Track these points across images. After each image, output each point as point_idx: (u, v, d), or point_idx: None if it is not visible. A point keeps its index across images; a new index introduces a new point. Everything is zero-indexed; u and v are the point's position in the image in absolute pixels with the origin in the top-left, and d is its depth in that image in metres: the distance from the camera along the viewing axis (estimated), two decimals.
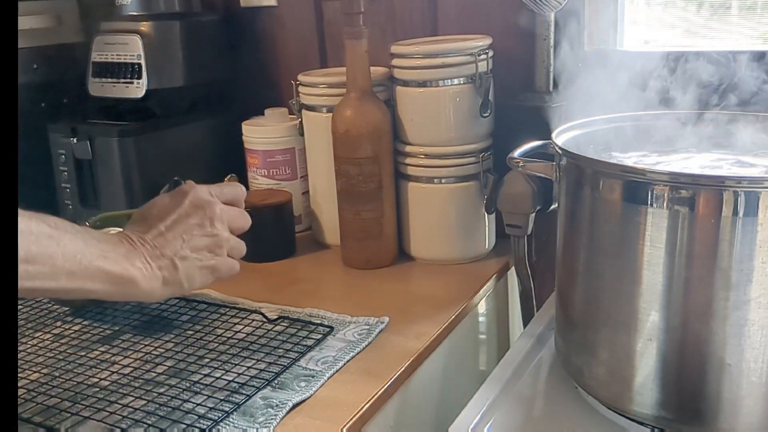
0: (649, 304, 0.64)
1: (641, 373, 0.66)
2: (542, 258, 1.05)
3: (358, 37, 0.99)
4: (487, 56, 1.02)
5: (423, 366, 0.83)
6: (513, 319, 1.11)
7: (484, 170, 1.03)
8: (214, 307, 0.94)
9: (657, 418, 0.66)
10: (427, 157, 1.03)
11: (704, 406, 0.64)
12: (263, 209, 1.10)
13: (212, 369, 0.78)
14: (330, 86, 1.08)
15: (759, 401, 0.63)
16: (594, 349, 0.71)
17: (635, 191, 0.63)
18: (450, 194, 1.04)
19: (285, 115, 1.19)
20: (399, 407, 0.79)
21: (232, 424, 0.69)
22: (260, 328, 0.88)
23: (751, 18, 0.90)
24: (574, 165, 0.69)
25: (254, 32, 1.30)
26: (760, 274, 0.59)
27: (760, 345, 0.61)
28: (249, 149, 1.19)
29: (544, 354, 0.83)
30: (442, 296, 0.96)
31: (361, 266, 1.06)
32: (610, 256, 0.67)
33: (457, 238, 1.05)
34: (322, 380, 0.76)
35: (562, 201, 0.74)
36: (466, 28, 1.10)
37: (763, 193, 0.58)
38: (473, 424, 0.70)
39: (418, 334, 0.85)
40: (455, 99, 1.01)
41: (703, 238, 0.60)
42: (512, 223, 0.95)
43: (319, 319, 0.89)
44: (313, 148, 1.13)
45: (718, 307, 0.61)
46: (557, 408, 0.74)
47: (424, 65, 1.00)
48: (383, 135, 1.02)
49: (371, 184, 1.02)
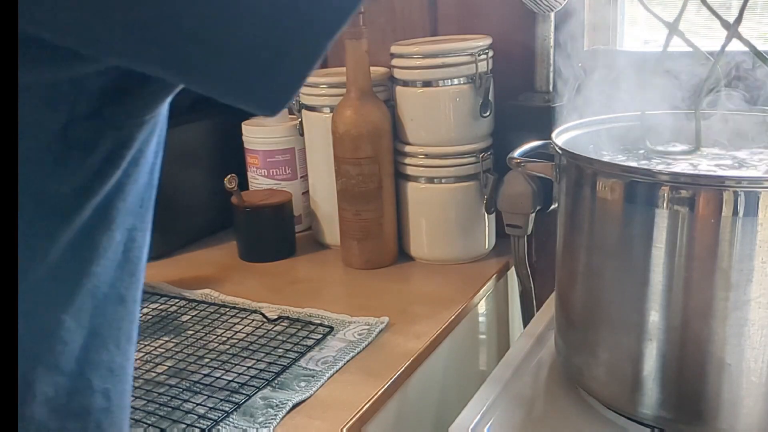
0: (649, 304, 0.64)
1: (641, 373, 0.66)
2: (542, 258, 1.05)
3: (358, 37, 0.99)
4: (487, 56, 1.02)
5: (423, 366, 0.83)
6: (513, 319, 1.10)
7: (484, 170, 1.03)
8: (214, 307, 0.94)
9: (657, 418, 0.66)
10: (427, 157, 1.03)
11: (704, 406, 0.64)
12: (263, 209, 1.10)
13: (212, 369, 0.78)
14: (330, 86, 1.08)
15: (759, 401, 0.63)
16: (594, 349, 0.71)
17: (635, 191, 0.63)
18: (450, 194, 1.04)
19: (285, 115, 1.19)
20: (399, 407, 0.78)
21: (232, 424, 0.69)
22: (260, 328, 0.88)
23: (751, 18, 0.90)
24: (574, 165, 0.69)
25: None
26: (760, 274, 0.59)
27: (760, 345, 0.61)
28: (249, 149, 1.19)
29: (544, 354, 0.83)
30: (442, 296, 0.96)
31: (361, 266, 1.06)
32: (610, 256, 0.67)
33: (457, 238, 1.05)
34: (322, 380, 0.76)
35: (562, 201, 0.74)
36: (466, 28, 1.10)
37: (763, 193, 0.58)
38: (473, 424, 0.70)
39: (418, 334, 0.85)
40: (455, 99, 1.01)
41: (703, 238, 0.60)
42: (512, 223, 0.95)
43: (319, 319, 0.89)
44: (313, 148, 1.13)
45: (718, 307, 0.61)
46: (557, 408, 0.74)
47: (424, 65, 1.00)
48: (383, 135, 1.02)
49: (371, 184, 1.02)
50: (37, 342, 0.42)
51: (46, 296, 0.42)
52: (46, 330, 0.43)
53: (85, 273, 0.43)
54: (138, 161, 0.44)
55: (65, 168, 0.40)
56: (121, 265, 0.46)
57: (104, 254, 0.44)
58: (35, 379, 0.42)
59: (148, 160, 0.45)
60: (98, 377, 0.46)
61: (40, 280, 0.41)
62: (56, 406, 0.43)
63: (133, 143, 0.42)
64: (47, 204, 0.40)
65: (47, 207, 0.40)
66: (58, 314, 0.43)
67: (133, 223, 0.46)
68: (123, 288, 0.46)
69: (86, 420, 0.45)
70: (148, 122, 0.43)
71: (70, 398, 0.44)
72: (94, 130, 0.40)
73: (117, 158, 0.42)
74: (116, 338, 0.47)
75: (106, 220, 0.43)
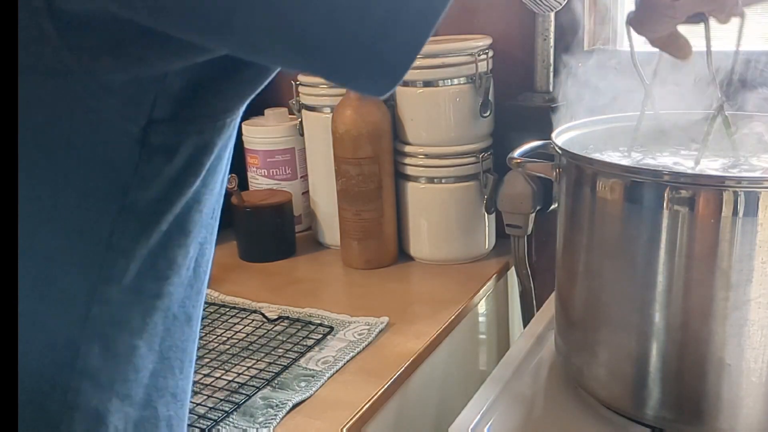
0: (649, 304, 0.64)
1: (641, 373, 0.66)
2: (542, 258, 1.05)
3: None
4: (487, 56, 1.02)
5: (423, 366, 0.83)
6: (513, 319, 1.10)
7: (484, 170, 1.03)
8: (214, 307, 0.94)
9: (657, 418, 0.66)
10: (427, 157, 1.03)
11: (704, 406, 0.64)
12: (263, 209, 1.10)
13: (212, 369, 0.78)
14: (330, 86, 1.08)
15: (759, 401, 0.63)
16: (594, 349, 0.71)
17: (635, 191, 0.63)
18: (450, 194, 1.04)
19: (285, 115, 1.19)
20: (399, 407, 0.78)
21: (232, 424, 0.69)
22: (260, 328, 0.88)
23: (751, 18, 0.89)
24: (574, 165, 0.69)
25: None
26: (760, 274, 0.59)
27: (760, 345, 0.61)
28: (249, 149, 1.19)
29: (544, 354, 0.83)
30: (442, 296, 0.96)
31: (361, 266, 1.06)
32: (610, 256, 0.67)
33: (457, 238, 1.05)
34: (322, 380, 0.76)
35: (562, 201, 0.74)
36: (466, 28, 1.10)
37: (763, 193, 0.58)
38: (473, 424, 0.70)
39: (418, 334, 0.85)
40: (455, 99, 1.01)
41: (703, 238, 0.60)
42: (512, 223, 0.95)
43: (319, 319, 0.89)
44: (313, 148, 1.13)
45: (718, 307, 0.61)
46: (557, 408, 0.74)
47: (424, 65, 1.00)
48: (383, 135, 1.02)
49: (371, 184, 1.02)
50: (112, 372, 0.39)
51: (121, 320, 0.39)
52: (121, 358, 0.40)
53: (160, 293, 0.41)
54: (216, 169, 0.41)
55: (144, 176, 0.37)
56: (191, 283, 0.43)
57: (178, 271, 0.41)
58: (109, 411, 0.39)
59: (223, 168, 0.43)
60: (163, 404, 0.43)
61: (117, 302, 0.39)
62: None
63: (213, 149, 0.40)
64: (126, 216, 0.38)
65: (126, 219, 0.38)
66: (133, 340, 0.40)
67: (205, 235, 0.43)
68: (191, 307, 0.44)
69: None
70: (228, 125, 0.41)
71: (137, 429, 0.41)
72: (174, 134, 0.38)
73: (197, 165, 0.39)
74: (181, 362, 0.44)
75: (183, 234, 0.41)
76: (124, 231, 0.38)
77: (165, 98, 0.37)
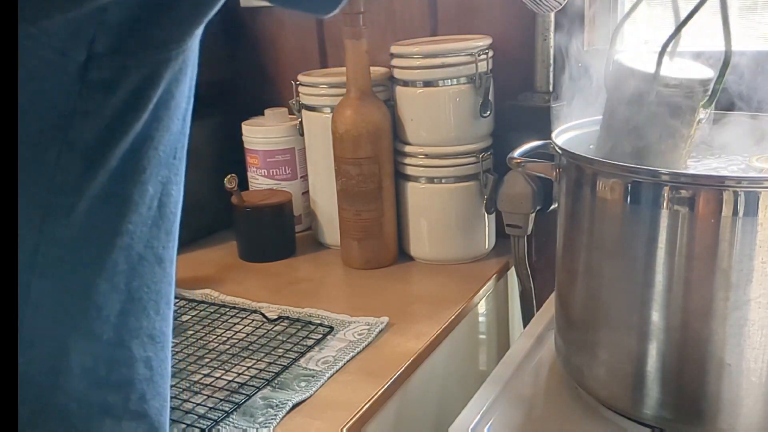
0: (649, 304, 0.64)
1: (641, 373, 0.66)
2: (542, 258, 1.05)
3: (358, 37, 0.99)
4: (487, 56, 1.02)
5: (423, 366, 0.83)
6: (513, 319, 1.11)
7: (484, 170, 1.03)
8: (214, 307, 0.94)
9: (657, 418, 0.66)
10: (427, 157, 1.03)
11: (704, 406, 0.64)
12: (263, 209, 1.10)
13: (212, 369, 0.78)
14: (330, 86, 1.08)
15: (759, 401, 0.63)
16: (594, 349, 0.71)
17: (635, 191, 0.63)
18: (450, 194, 1.04)
19: (285, 115, 1.19)
20: (399, 407, 0.79)
21: (232, 424, 0.69)
22: (260, 328, 0.88)
23: (751, 18, 0.89)
24: (574, 165, 0.69)
25: (254, 32, 1.30)
26: (760, 274, 0.59)
27: (760, 345, 0.61)
28: (249, 149, 1.19)
29: (544, 354, 0.83)
30: (442, 296, 0.96)
31: (361, 266, 1.06)
32: (610, 256, 0.67)
33: (456, 238, 1.05)
34: (322, 380, 0.76)
35: (562, 201, 0.74)
36: (466, 28, 1.10)
37: (763, 193, 0.58)
38: (473, 424, 0.70)
39: (418, 334, 0.85)
40: (455, 99, 1.01)
41: (703, 238, 0.60)
42: (512, 223, 0.95)
43: (319, 319, 0.89)
44: (313, 148, 1.13)
45: (718, 307, 0.61)
46: (557, 408, 0.74)
47: (424, 65, 1.00)
48: (383, 135, 1.02)
49: (371, 184, 1.02)
50: (69, 306, 0.40)
51: (74, 256, 0.39)
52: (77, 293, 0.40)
53: (118, 230, 0.40)
54: (168, 104, 0.41)
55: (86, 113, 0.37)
56: (156, 222, 0.43)
57: (137, 209, 0.41)
58: (70, 348, 0.40)
59: (179, 105, 0.42)
60: (138, 345, 0.43)
61: (67, 240, 0.38)
62: (96, 378, 0.41)
63: (159, 81, 0.39)
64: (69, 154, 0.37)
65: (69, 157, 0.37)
66: (89, 277, 0.40)
67: (167, 175, 0.43)
68: (160, 248, 0.43)
69: (129, 391, 0.43)
70: (174, 58, 0.40)
71: (111, 369, 0.42)
72: (114, 68, 0.37)
73: (142, 99, 0.39)
74: (156, 303, 0.44)
75: (137, 171, 0.40)
76: (68, 169, 0.38)
77: (105, 32, 0.36)
